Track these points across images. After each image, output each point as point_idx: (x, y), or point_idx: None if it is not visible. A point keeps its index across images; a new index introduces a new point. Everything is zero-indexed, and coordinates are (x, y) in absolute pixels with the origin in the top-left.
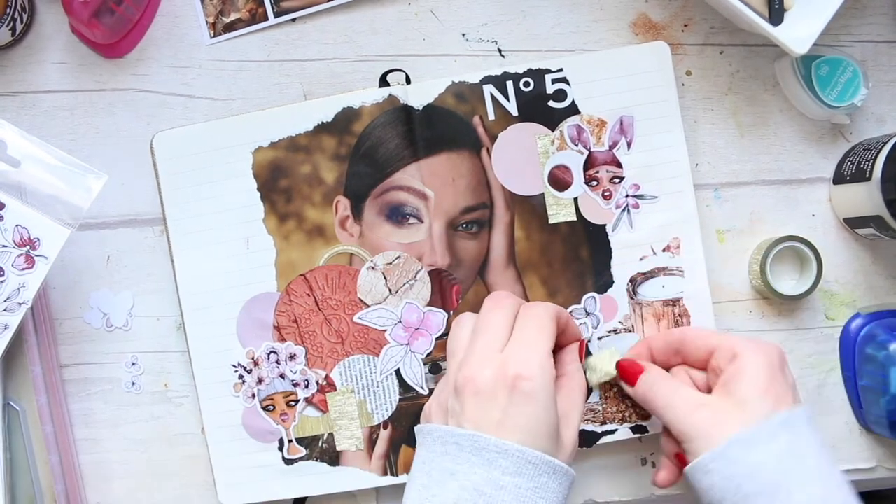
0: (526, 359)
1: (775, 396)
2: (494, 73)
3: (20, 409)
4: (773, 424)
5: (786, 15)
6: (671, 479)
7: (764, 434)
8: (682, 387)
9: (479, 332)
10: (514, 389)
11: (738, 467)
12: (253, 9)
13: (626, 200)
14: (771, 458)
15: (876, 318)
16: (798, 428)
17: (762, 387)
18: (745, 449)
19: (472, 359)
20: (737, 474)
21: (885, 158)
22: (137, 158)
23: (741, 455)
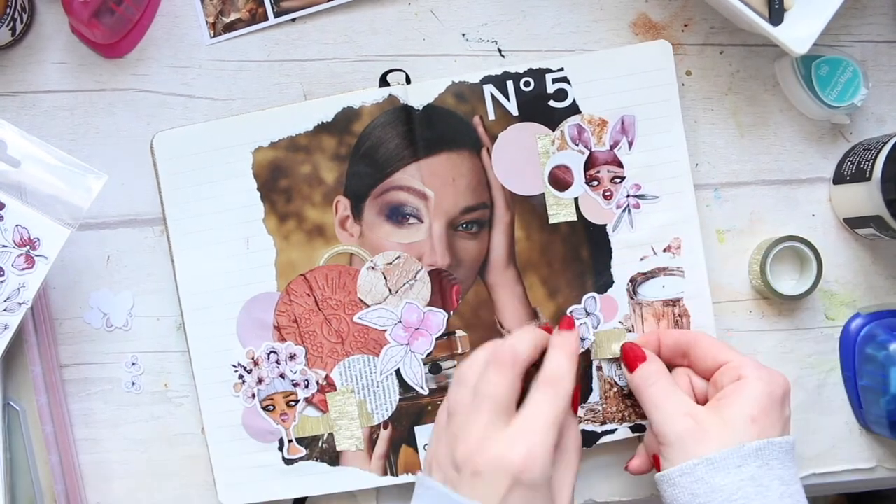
0: (531, 448)
1: (762, 427)
2: (494, 72)
3: (20, 409)
4: (745, 451)
5: (786, 15)
6: (643, 469)
7: (734, 459)
8: (676, 391)
9: (482, 399)
10: (516, 482)
11: (702, 486)
12: (253, 9)
13: (627, 200)
14: (734, 483)
15: (876, 318)
16: (771, 460)
17: (753, 414)
18: (711, 470)
19: (472, 434)
20: (699, 493)
21: (885, 158)
22: (137, 158)
23: (707, 475)
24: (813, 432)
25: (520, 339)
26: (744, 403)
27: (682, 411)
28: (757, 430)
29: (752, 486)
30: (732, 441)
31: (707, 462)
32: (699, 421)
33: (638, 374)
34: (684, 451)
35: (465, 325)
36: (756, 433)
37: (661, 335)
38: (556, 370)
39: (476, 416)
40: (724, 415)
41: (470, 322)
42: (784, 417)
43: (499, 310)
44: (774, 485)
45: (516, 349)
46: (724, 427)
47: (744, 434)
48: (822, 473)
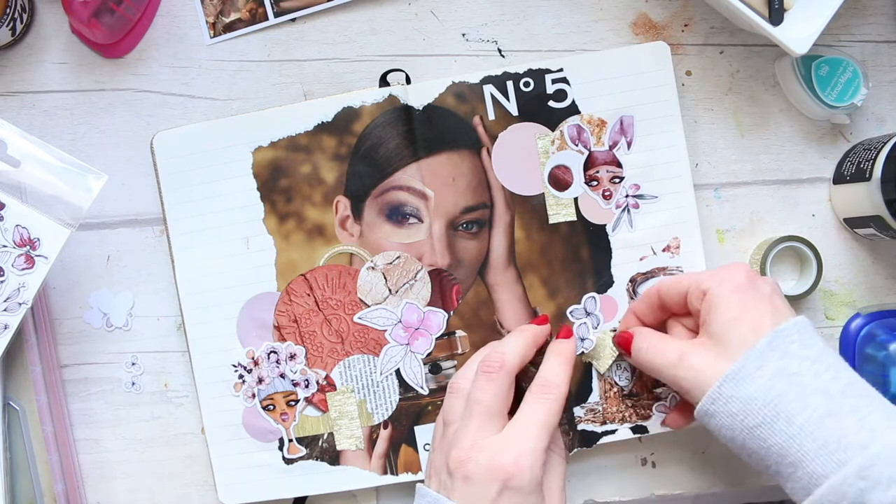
0: (521, 453)
1: (750, 319)
2: (494, 73)
3: (20, 409)
4: (758, 350)
5: (786, 15)
6: (679, 423)
7: (751, 363)
8: (664, 343)
9: (473, 406)
10: (506, 486)
11: (735, 404)
12: (253, 9)
13: (626, 200)
14: (763, 385)
15: (876, 318)
16: (788, 346)
17: (734, 314)
18: (736, 384)
19: (464, 440)
20: (736, 411)
21: (885, 158)
22: (137, 158)
23: (734, 391)
24: None
25: (510, 345)
26: (720, 312)
27: (676, 357)
28: (747, 325)
29: (782, 378)
30: (736, 349)
31: (727, 378)
32: (696, 353)
33: (633, 353)
34: (702, 387)
35: (465, 325)
36: (748, 328)
37: (634, 308)
38: (550, 377)
39: (467, 423)
40: (713, 333)
41: (470, 322)
42: (765, 297)
43: (499, 310)
44: (804, 367)
45: (505, 356)
46: (720, 343)
47: (738, 336)
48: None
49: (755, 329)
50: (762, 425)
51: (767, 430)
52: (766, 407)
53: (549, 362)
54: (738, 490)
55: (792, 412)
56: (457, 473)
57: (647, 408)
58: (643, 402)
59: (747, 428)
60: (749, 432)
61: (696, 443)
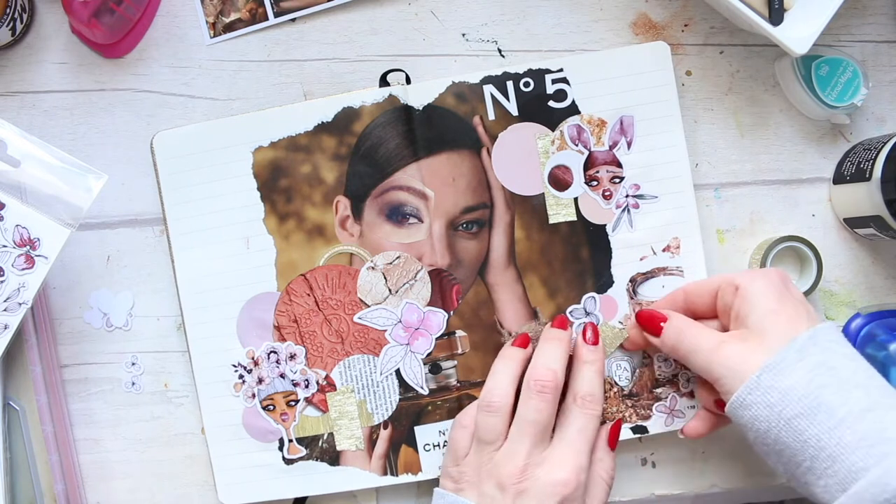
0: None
1: (787, 315)
2: (494, 73)
3: (20, 409)
4: (799, 343)
5: (786, 15)
6: (700, 431)
7: (792, 354)
8: (704, 329)
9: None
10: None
11: (774, 394)
12: (253, 9)
13: (627, 200)
14: (803, 376)
15: (876, 318)
16: (825, 343)
17: (772, 307)
18: (776, 374)
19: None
20: (775, 402)
21: (885, 158)
22: (137, 158)
23: (774, 381)
24: None
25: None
26: (757, 305)
27: (716, 342)
28: (784, 319)
29: (823, 371)
30: (774, 341)
31: (767, 369)
32: (735, 343)
33: (666, 333)
34: (739, 375)
35: (465, 325)
36: (784, 322)
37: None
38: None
39: (521, 440)
40: (750, 325)
41: (470, 322)
42: (798, 299)
43: (499, 310)
44: (843, 363)
45: (557, 375)
46: (758, 334)
47: (777, 328)
48: None
49: (793, 324)
50: (801, 416)
51: (806, 421)
52: (806, 398)
53: (587, 373)
54: (738, 490)
55: (833, 404)
56: (511, 489)
57: (647, 408)
58: (643, 402)
59: (784, 419)
60: (786, 423)
61: (696, 443)
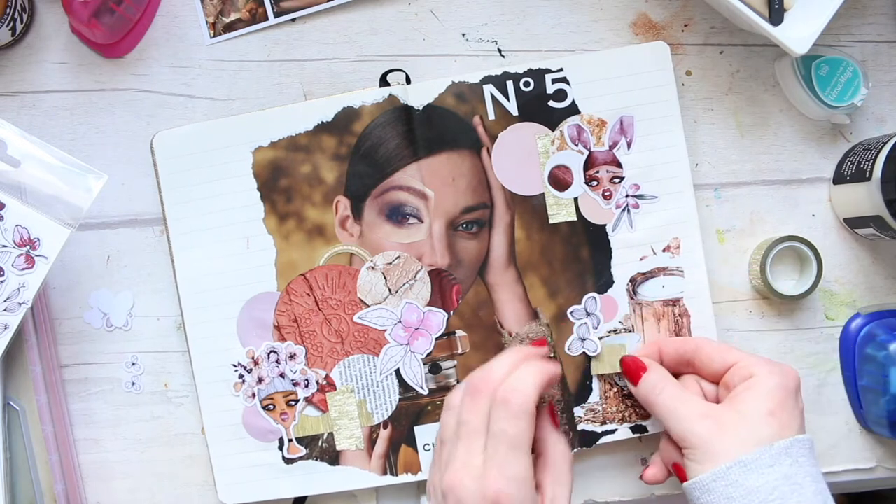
0: (506, 476)
1: (781, 421)
2: (494, 73)
3: (20, 409)
4: (776, 449)
5: (786, 15)
6: (659, 479)
7: (766, 458)
8: (686, 394)
9: (461, 430)
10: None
11: (738, 490)
12: (253, 9)
13: (626, 200)
14: (769, 483)
15: (876, 318)
16: (800, 457)
17: (771, 408)
18: (746, 471)
19: (455, 463)
20: (734, 497)
21: (885, 158)
22: (137, 158)
23: (741, 478)
24: (813, 432)
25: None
26: (759, 399)
27: (698, 412)
28: (777, 424)
29: (787, 484)
30: (755, 437)
31: (740, 464)
32: (718, 419)
33: (643, 385)
34: (711, 454)
35: (465, 325)
36: (776, 427)
37: (662, 345)
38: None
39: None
40: (742, 411)
41: (470, 322)
42: (799, 409)
43: (499, 310)
44: (807, 482)
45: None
46: (744, 422)
47: (764, 429)
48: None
49: (782, 430)
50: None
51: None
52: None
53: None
54: None
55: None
56: (449, 498)
57: None
58: None
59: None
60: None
61: None
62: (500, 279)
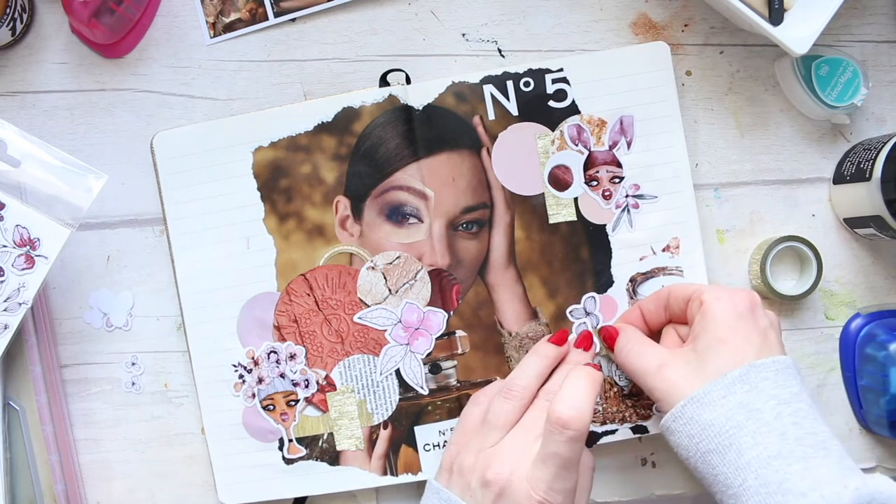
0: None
1: (736, 346)
2: (494, 73)
3: (20, 409)
4: (728, 379)
5: (786, 15)
6: None
7: (718, 390)
8: (645, 349)
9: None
10: None
11: (694, 426)
12: (253, 9)
13: (626, 200)
14: (722, 414)
15: (876, 318)
16: (760, 381)
17: (722, 335)
18: (699, 407)
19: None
20: (694, 433)
21: (885, 158)
22: (137, 158)
23: (695, 414)
24: None
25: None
26: (710, 327)
27: (656, 365)
28: (730, 352)
29: (743, 411)
30: (712, 371)
31: (691, 400)
32: (675, 366)
33: (616, 352)
34: (671, 400)
35: (465, 325)
36: (729, 354)
37: (641, 303)
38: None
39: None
40: (697, 347)
41: (470, 322)
42: (759, 329)
43: (499, 310)
44: (769, 405)
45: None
46: (700, 360)
47: (717, 359)
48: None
49: (736, 357)
50: (714, 452)
51: (718, 457)
52: (720, 435)
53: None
54: None
55: (743, 446)
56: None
57: (647, 408)
58: (643, 402)
59: (700, 452)
60: (702, 457)
61: None
62: (500, 279)
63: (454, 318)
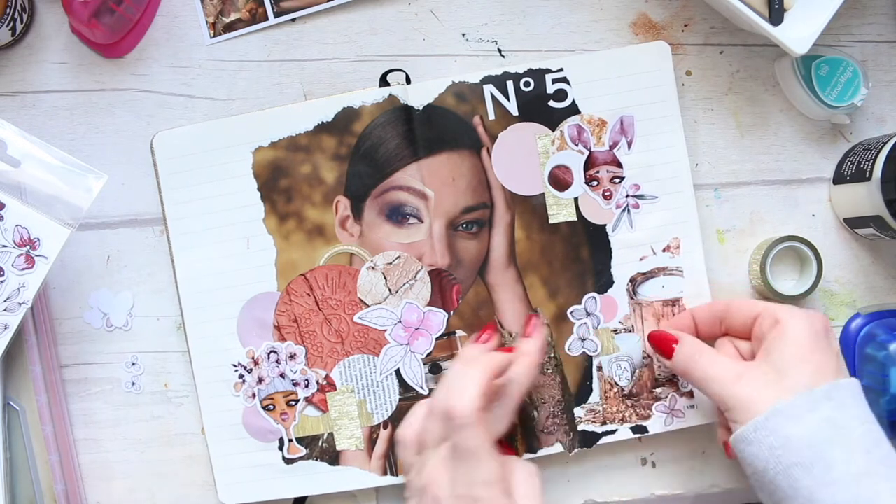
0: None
1: (816, 364)
2: (494, 72)
3: (20, 409)
4: (815, 395)
5: (786, 15)
6: None
7: (804, 404)
8: (719, 358)
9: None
10: None
11: (778, 438)
12: (253, 9)
13: (627, 200)
14: (810, 428)
15: (876, 318)
16: (842, 399)
17: (802, 353)
18: (785, 419)
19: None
20: (777, 445)
21: (885, 158)
22: (137, 158)
23: (781, 426)
24: None
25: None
26: (789, 346)
27: (733, 374)
28: (810, 369)
29: (830, 427)
30: (792, 385)
31: (777, 412)
32: (753, 377)
33: (677, 357)
34: (749, 410)
35: (465, 326)
36: (810, 371)
37: (695, 312)
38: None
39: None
40: (776, 363)
41: (470, 322)
42: (833, 351)
43: (499, 310)
44: (854, 424)
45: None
46: (779, 374)
47: (800, 375)
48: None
49: (817, 374)
50: (799, 465)
51: (803, 471)
52: (808, 449)
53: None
54: (738, 490)
55: (833, 461)
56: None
57: (647, 408)
58: (643, 402)
59: (783, 465)
60: (784, 469)
61: (695, 443)
62: (501, 279)
63: (454, 318)
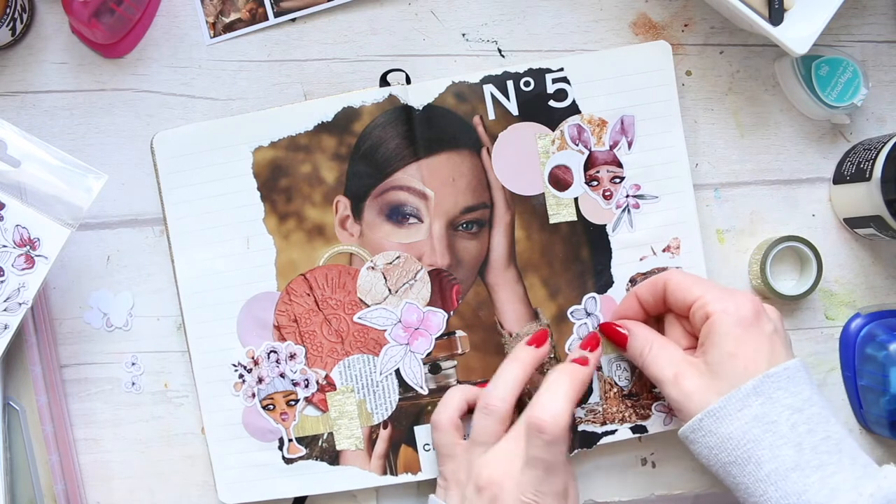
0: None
1: (746, 358)
2: (494, 72)
3: (20, 409)
4: (742, 393)
5: (786, 15)
6: None
7: (734, 403)
8: (662, 353)
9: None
10: None
11: (713, 438)
12: (253, 9)
13: (627, 200)
14: (740, 427)
15: (876, 318)
16: (774, 392)
17: (731, 349)
18: (716, 421)
19: (495, 461)
20: (713, 445)
21: (885, 158)
22: (137, 158)
23: (714, 427)
24: None
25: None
26: (718, 342)
27: (670, 375)
28: (741, 364)
29: (759, 425)
30: (726, 383)
31: (708, 414)
32: (690, 377)
33: (629, 354)
34: (690, 411)
35: (465, 325)
36: (741, 367)
37: (637, 292)
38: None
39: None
40: (708, 361)
41: (470, 322)
42: (766, 336)
43: (499, 310)
44: (784, 416)
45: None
46: (712, 372)
47: (731, 372)
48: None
49: (749, 368)
50: (733, 464)
51: (737, 469)
52: (739, 448)
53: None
54: None
55: (762, 459)
56: (485, 494)
57: (647, 408)
58: (643, 402)
59: (720, 463)
60: (722, 468)
61: None
62: (501, 279)
63: (454, 318)
